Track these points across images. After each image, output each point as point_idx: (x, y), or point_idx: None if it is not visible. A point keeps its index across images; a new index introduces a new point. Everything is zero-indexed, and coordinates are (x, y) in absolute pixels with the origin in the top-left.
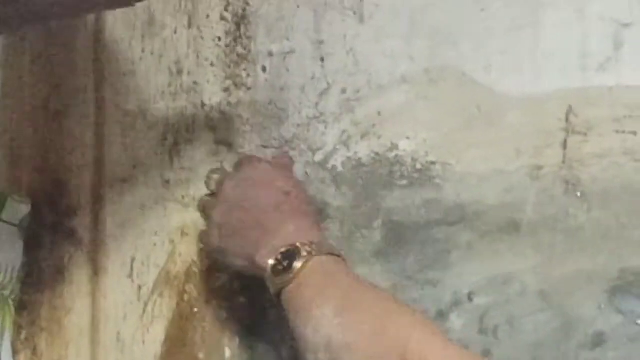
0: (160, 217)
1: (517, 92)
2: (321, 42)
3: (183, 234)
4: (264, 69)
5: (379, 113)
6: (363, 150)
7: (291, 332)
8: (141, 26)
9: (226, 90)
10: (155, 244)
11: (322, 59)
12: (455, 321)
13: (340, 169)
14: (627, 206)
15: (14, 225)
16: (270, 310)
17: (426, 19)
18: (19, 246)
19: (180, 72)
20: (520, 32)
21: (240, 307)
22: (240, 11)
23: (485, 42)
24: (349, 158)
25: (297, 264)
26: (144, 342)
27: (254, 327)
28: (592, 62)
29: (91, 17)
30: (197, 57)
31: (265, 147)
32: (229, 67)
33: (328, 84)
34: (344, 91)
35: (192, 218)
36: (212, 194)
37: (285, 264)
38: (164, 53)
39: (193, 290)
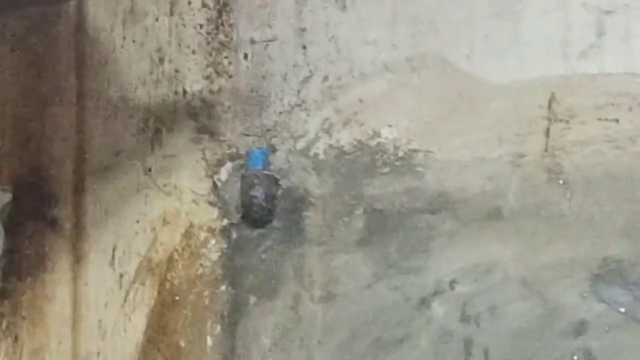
0: (141, 205)
1: (499, 79)
2: (303, 30)
3: (165, 221)
4: (245, 57)
5: (361, 101)
6: (345, 138)
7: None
8: (122, 14)
9: (208, 77)
10: (136, 232)
11: (304, 47)
12: (437, 309)
13: (322, 156)
14: (609, 194)
15: None
16: (251, 297)
17: (408, 7)
18: (0, 234)
19: (161, 59)
20: (503, 20)
21: (222, 295)
22: None
23: (467, 30)
24: (330, 146)
25: None
26: (125, 330)
27: (235, 314)
28: (575, 50)
29: (72, 5)
30: (179, 44)
31: (247, 135)
32: (211, 54)
33: (310, 71)
34: (326, 79)
35: (174, 206)
36: None
37: None
38: (146, 41)
39: (174, 278)
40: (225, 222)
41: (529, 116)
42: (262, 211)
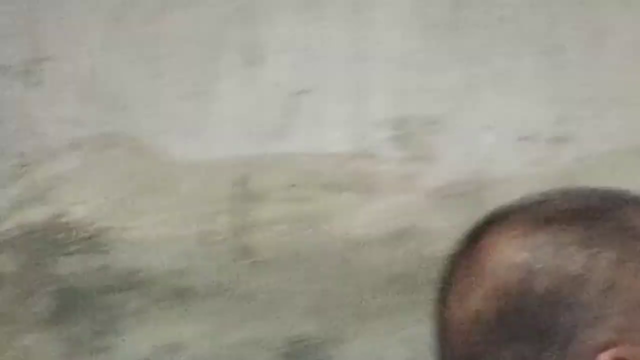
0: None
1: (189, 158)
2: None
3: None
4: None
5: (52, 178)
6: (36, 215)
7: None
8: None
9: None
10: None
11: None
12: None
13: (12, 233)
14: (298, 273)
15: None
16: None
17: (98, 84)
18: None
19: None
20: (194, 99)
21: None
22: None
23: (157, 108)
24: (20, 223)
25: None
26: None
27: None
28: (267, 130)
29: None
30: None
31: None
32: None
33: (0, 148)
34: (16, 155)
35: None
36: None
37: None
38: None
39: None
40: None
41: (219, 195)
42: None
